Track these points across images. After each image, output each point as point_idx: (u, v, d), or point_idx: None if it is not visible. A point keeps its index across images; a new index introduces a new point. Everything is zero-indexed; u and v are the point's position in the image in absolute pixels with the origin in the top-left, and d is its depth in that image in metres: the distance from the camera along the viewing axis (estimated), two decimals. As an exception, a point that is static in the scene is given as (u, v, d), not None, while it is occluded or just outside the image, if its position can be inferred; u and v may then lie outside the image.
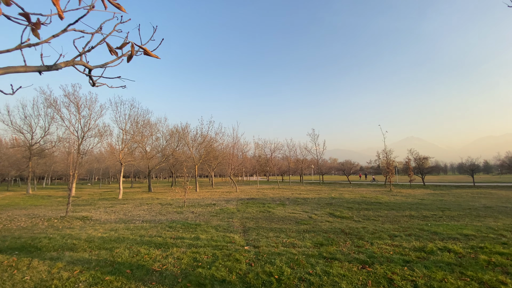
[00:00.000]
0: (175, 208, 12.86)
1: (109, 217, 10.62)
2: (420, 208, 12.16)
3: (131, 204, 14.89)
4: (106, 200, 17.95)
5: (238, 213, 10.92)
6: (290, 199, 16.21)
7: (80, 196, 21.63)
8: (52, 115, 22.82)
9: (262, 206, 13.04)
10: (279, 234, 7.08)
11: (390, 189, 22.31)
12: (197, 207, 13.05)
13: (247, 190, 25.32)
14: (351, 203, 14.11)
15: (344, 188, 25.42)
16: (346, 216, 10.17)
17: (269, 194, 19.96)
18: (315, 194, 19.86)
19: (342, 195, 18.62)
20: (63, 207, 13.81)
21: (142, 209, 12.97)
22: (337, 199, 16.15)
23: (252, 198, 17.47)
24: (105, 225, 8.76)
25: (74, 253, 5.59)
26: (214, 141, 25.83)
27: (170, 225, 8.37)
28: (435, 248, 5.56)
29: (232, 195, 20.18)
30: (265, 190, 24.99)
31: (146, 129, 21.93)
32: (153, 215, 11.04)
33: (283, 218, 9.71)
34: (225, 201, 15.61)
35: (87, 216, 10.86)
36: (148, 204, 14.79)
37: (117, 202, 16.18)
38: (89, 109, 21.82)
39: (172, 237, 6.65)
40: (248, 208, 12.24)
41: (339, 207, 12.70)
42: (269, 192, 21.84)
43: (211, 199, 16.98)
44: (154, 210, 12.53)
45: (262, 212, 11.09)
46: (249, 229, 7.83)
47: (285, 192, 22.18)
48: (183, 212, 11.65)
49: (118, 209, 12.89)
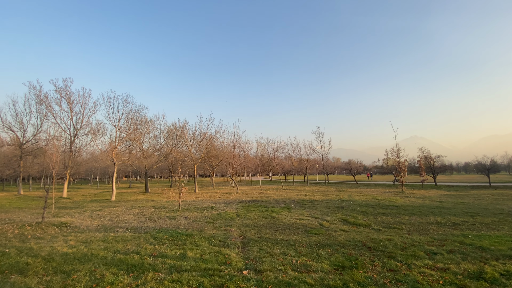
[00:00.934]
0: (168, 212, 11.55)
1: (91, 224, 9.32)
2: (444, 212, 10.71)
3: (121, 207, 13.61)
4: (97, 202, 16.71)
5: (238, 219, 9.56)
6: (295, 202, 14.83)
7: (72, 197, 20.44)
8: (45, 113, 21.62)
9: (265, 210, 11.68)
10: (287, 249, 5.71)
11: (402, 190, 20.82)
12: (192, 211, 11.72)
13: (249, 191, 23.97)
14: (364, 206, 12.69)
15: (352, 189, 23.96)
16: (363, 223, 8.78)
17: (272, 196, 18.60)
18: (322, 195, 18.45)
19: (351, 196, 17.19)
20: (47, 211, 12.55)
21: (132, 213, 11.67)
22: (347, 201, 14.74)
23: (254, 200, 16.12)
24: (80, 235, 7.45)
25: (21, 278, 4.28)
26: (214, 139, 24.51)
27: (156, 236, 7.04)
28: (497, 275, 4.16)
29: (233, 196, 18.84)
30: (268, 191, 23.62)
31: (141, 126, 20.63)
32: (141, 221, 9.73)
33: (289, 226, 8.34)
34: (224, 204, 14.27)
35: (66, 222, 9.57)
36: (140, 207, 13.49)
37: (108, 205, 14.92)
38: (82, 105, 20.62)
39: (152, 254, 5.32)
40: (249, 213, 10.88)
41: (352, 211, 11.29)
42: (273, 193, 20.47)
43: (209, 202, 15.65)
44: (144, 214, 11.23)
45: (265, 218, 9.72)
46: (249, 241, 6.47)
47: (289, 193, 20.79)
48: (176, 217, 10.32)
49: (106, 213, 11.60)
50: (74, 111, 20.41)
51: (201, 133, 22.85)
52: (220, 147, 26.73)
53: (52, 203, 12.39)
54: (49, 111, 19.81)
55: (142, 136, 22.39)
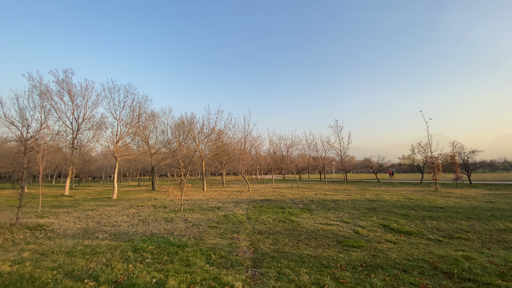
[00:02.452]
0: (167, 213, 9.87)
1: (72, 226, 7.76)
2: (508, 216, 8.38)
3: (118, 207, 12.10)
4: (96, 200, 15.37)
5: (248, 224, 7.70)
6: (315, 202, 12.80)
7: (74, 195, 19.32)
8: (49, 108, 20.60)
9: (281, 211, 9.75)
10: (320, 274, 3.78)
11: (435, 189, 18.24)
12: (195, 212, 9.97)
13: (261, 189, 22.08)
14: (401, 207, 10.49)
15: (376, 188, 21.52)
16: (411, 230, 6.68)
17: (287, 195, 16.62)
18: (344, 194, 16.28)
19: (380, 196, 14.91)
20: (36, 210, 11.21)
21: (126, 213, 10.08)
22: (378, 201, 12.54)
23: (267, 199, 14.22)
24: (47, 242, 5.85)
25: None
26: (224, 134, 22.78)
27: (138, 247, 5.29)
28: None
29: (244, 195, 17.03)
30: (282, 189, 21.63)
31: (145, 119, 19.16)
32: (133, 223, 8.08)
33: (315, 234, 6.39)
34: (233, 204, 12.48)
35: (45, 224, 8.05)
36: (139, 207, 11.93)
37: (106, 204, 13.49)
38: (84, 98, 19.46)
39: (116, 281, 3.54)
40: (262, 215, 9.00)
41: (389, 214, 9.15)
42: (287, 192, 18.48)
43: (217, 201, 13.91)
44: (140, 215, 9.60)
45: (282, 222, 7.80)
46: (263, 257, 4.59)
47: (306, 192, 18.73)
48: (174, 219, 8.61)
49: (97, 214, 10.08)
50: (76, 104, 19.29)
51: (209, 127, 21.22)
52: (230, 142, 25.04)
53: (39, 202, 11.05)
54: (49, 104, 18.78)
55: (146, 130, 20.99)
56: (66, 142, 20.86)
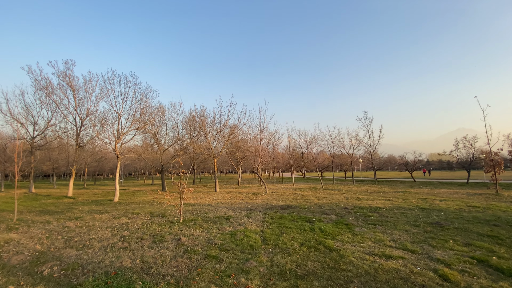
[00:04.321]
0: (161, 226, 7.72)
1: (31, 247, 5.81)
2: None
3: (111, 214, 10.19)
4: (94, 204, 13.71)
5: (264, 252, 5.29)
6: (351, 210, 10.11)
7: (78, 196, 17.99)
8: (54, 105, 19.37)
9: (309, 227, 7.22)
10: None
11: (496, 191, 14.74)
12: (196, 226, 7.73)
13: (280, 190, 19.57)
14: (475, 222, 7.55)
15: (416, 190, 18.21)
16: (542, 276, 3.92)
17: (312, 199, 14.00)
18: (383, 199, 13.37)
19: (430, 202, 11.87)
20: (20, 216, 9.57)
21: (113, 225, 8.07)
22: (434, 211, 9.61)
23: (288, 206, 11.72)
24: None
25: None
26: (238, 129, 20.47)
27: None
28: None
29: (260, 199, 14.65)
30: (305, 191, 18.97)
31: (150, 112, 17.26)
32: (109, 244, 5.98)
33: (373, 279, 3.85)
34: (246, 211, 10.14)
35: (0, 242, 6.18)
36: (134, 215, 9.93)
37: (100, 209, 11.70)
38: (88, 92, 17.99)
39: None
40: (283, 234, 6.54)
41: (467, 233, 6.33)
42: (312, 195, 15.82)
43: (227, 207, 11.65)
44: (127, 229, 7.53)
45: (315, 251, 5.30)
46: None
47: (334, 195, 15.95)
48: (164, 238, 6.41)
49: (78, 226, 8.16)
50: (78, 98, 17.88)
51: (221, 121, 18.98)
52: (244, 138, 22.73)
53: (15, 209, 9.35)
54: (50, 98, 17.49)
55: (153, 125, 19.18)
56: (68, 139, 19.70)
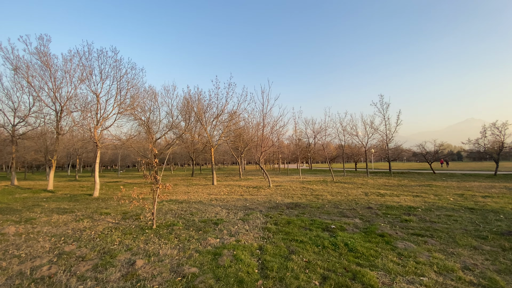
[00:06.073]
0: (123, 236, 5.62)
1: None
2: None
3: (74, 215, 8.15)
4: (67, 200, 11.73)
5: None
6: (377, 211, 7.83)
7: (59, 190, 16.09)
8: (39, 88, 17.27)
9: (329, 243, 4.97)
10: None
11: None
12: (170, 237, 5.58)
13: (285, 184, 17.34)
14: None
15: (441, 183, 15.76)
16: None
17: (325, 195, 11.74)
18: (410, 194, 11.06)
19: (472, 199, 9.50)
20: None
21: (60, 233, 6.00)
22: (488, 212, 7.27)
23: (296, 204, 9.50)
24: None
25: None
26: (237, 115, 18.15)
27: None
28: None
29: (262, 194, 12.47)
30: (314, 184, 16.67)
31: (137, 96, 14.99)
32: (22, 272, 3.87)
33: None
34: (244, 212, 7.99)
35: None
36: (102, 215, 7.88)
37: (69, 207, 9.68)
38: (67, 72, 15.78)
39: None
40: (293, 255, 4.32)
41: None
42: (323, 190, 13.55)
43: (221, 204, 9.51)
44: (80, 239, 5.47)
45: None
46: None
47: (349, 189, 13.65)
48: (116, 257, 4.29)
49: (16, 233, 6.12)
50: (56, 79, 15.71)
51: (218, 105, 16.67)
52: (246, 126, 20.46)
53: None
54: (24, 79, 15.36)
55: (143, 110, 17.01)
56: (46, 127, 17.78)
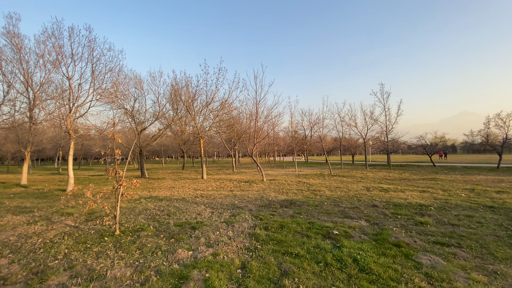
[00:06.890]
0: (76, 245, 4.43)
1: None
2: None
3: (28, 216, 6.93)
4: (35, 196, 10.46)
5: None
6: (384, 210, 6.75)
7: (32, 185, 14.75)
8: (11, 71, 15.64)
9: (332, 257, 3.84)
10: None
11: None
12: (131, 248, 4.41)
13: (280, 178, 16.25)
14: None
15: (445, 176, 14.83)
16: None
17: (323, 190, 10.65)
18: (415, 189, 10.05)
19: (486, 195, 8.51)
20: None
21: (0, 241, 4.79)
22: (503, 209, 6.26)
23: (291, 201, 8.39)
24: None
25: None
26: (229, 104, 16.81)
27: None
28: None
29: (254, 189, 11.35)
30: (311, 178, 15.58)
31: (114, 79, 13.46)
32: None
33: None
34: (230, 212, 6.86)
35: None
36: (63, 216, 6.68)
37: (26, 207, 8.45)
38: (39, 55, 14.19)
39: None
40: (285, 278, 3.19)
41: None
42: (321, 185, 12.48)
43: (206, 203, 8.36)
44: (18, 250, 4.27)
45: None
46: None
47: (349, 183, 12.60)
48: (45, 282, 3.09)
49: None
50: (27, 63, 14.16)
51: (207, 92, 15.32)
52: (238, 116, 19.20)
53: None
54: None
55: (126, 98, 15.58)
56: (20, 116, 16.20)
